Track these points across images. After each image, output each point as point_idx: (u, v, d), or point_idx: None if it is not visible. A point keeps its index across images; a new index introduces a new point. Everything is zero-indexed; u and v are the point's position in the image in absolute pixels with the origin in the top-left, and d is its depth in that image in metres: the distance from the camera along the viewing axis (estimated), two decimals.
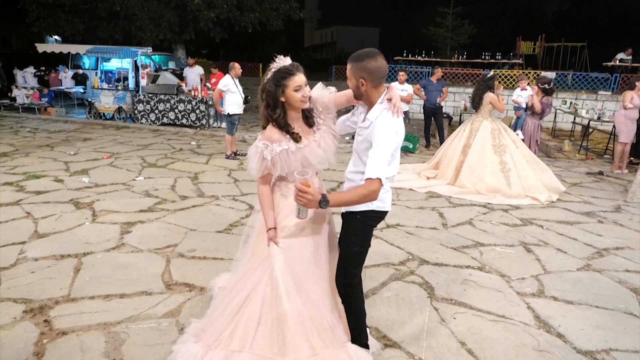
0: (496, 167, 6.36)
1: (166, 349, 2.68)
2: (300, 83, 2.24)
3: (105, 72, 13.56)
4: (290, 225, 2.38)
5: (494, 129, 6.55)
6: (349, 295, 2.45)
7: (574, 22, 29.60)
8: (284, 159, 2.29)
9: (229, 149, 8.17)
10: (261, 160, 2.30)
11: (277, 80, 2.23)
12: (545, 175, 6.42)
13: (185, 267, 3.79)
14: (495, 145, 6.48)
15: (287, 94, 2.24)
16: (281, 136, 2.29)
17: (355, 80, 2.22)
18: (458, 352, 2.77)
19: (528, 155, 6.54)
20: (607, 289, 3.68)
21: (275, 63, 2.27)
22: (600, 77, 14.84)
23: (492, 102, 6.54)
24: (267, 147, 2.28)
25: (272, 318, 2.33)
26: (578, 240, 4.74)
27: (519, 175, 6.26)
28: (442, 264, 4.03)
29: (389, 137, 2.13)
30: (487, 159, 6.44)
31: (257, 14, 16.99)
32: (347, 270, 2.42)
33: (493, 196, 6.14)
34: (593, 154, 9.82)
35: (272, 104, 2.27)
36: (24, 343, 2.70)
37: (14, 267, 3.67)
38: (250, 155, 2.37)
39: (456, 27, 25.46)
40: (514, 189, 6.18)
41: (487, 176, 6.32)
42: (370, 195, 2.09)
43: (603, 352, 2.84)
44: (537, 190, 6.16)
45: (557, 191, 6.32)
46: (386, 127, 2.14)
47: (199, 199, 5.66)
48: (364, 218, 2.34)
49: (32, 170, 6.75)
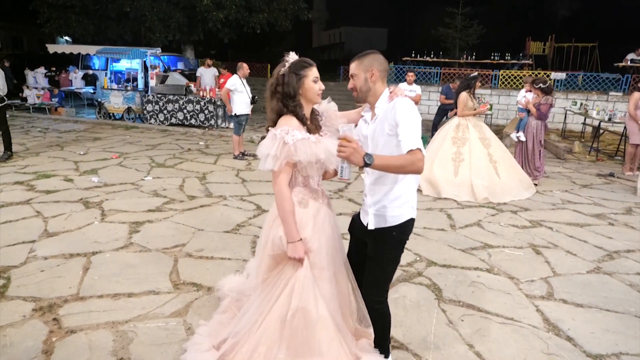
0: (448, 156, 6.35)
1: (173, 349, 2.69)
2: (317, 75, 2.24)
3: (114, 72, 13.68)
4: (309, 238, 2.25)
5: (460, 124, 6.50)
6: (381, 310, 2.37)
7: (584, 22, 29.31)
8: (307, 147, 2.12)
9: (236, 149, 8.20)
10: (282, 146, 2.10)
11: (297, 70, 2.20)
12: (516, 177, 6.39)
13: (193, 267, 3.80)
14: (456, 138, 6.44)
15: (306, 85, 2.21)
16: (300, 125, 2.19)
17: (363, 74, 2.22)
18: (466, 355, 2.75)
19: (498, 155, 6.42)
20: (617, 292, 3.63)
21: (287, 58, 2.25)
22: (611, 77, 14.67)
23: (459, 101, 6.49)
24: (287, 132, 2.11)
25: (300, 329, 2.21)
26: (588, 243, 4.68)
27: (470, 167, 6.22)
28: (450, 266, 4.01)
29: (415, 113, 2.09)
30: (442, 149, 6.43)
31: (265, 14, 17.06)
32: (381, 288, 2.34)
33: (427, 187, 6.25)
34: (604, 155, 9.72)
35: (292, 93, 2.19)
36: (33, 341, 2.73)
37: (24, 266, 3.70)
38: (265, 145, 2.15)
39: (465, 27, 25.36)
40: (459, 178, 6.19)
41: (436, 166, 6.32)
42: (417, 164, 1.94)
43: (613, 356, 2.80)
44: (481, 189, 6.08)
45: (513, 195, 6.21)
46: (409, 106, 2.10)
47: (206, 199, 5.68)
48: (400, 234, 2.25)
49: (42, 170, 6.82)
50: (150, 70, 12.09)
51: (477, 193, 6.04)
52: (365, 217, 2.32)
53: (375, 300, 2.34)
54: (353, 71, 2.26)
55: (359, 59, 2.25)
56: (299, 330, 2.21)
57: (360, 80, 2.24)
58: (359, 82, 2.25)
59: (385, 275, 2.33)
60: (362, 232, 2.36)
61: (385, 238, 2.25)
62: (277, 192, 2.19)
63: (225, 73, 12.17)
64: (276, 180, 2.18)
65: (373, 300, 2.34)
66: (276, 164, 2.13)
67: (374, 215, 2.26)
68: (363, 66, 2.22)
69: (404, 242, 2.31)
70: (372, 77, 2.21)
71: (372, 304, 2.35)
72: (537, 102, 6.97)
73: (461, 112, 6.49)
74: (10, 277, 3.51)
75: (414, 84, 9.10)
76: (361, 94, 2.26)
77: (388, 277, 2.35)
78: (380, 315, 2.38)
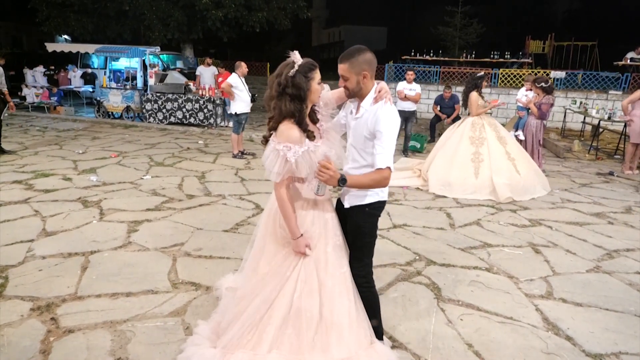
0: (468, 157, 6.33)
1: (172, 348, 2.68)
2: (320, 77, 2.27)
3: (113, 71, 13.66)
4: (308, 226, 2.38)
5: (476, 123, 6.49)
6: (366, 284, 2.52)
7: (584, 20, 29.31)
8: (307, 160, 2.22)
9: (235, 148, 8.18)
10: (284, 164, 2.20)
11: (306, 72, 2.19)
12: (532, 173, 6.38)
13: (192, 266, 3.79)
14: (473, 137, 6.42)
15: (312, 88, 2.23)
16: (301, 135, 2.22)
17: (355, 77, 2.26)
18: (465, 354, 2.74)
19: (515, 152, 6.42)
20: (617, 291, 3.63)
21: (292, 57, 2.23)
22: (611, 76, 14.66)
23: (470, 101, 6.48)
24: (289, 149, 2.19)
25: (302, 320, 2.31)
26: (588, 242, 4.68)
27: (490, 167, 6.20)
28: (450, 265, 4.00)
29: (394, 127, 2.25)
30: (460, 149, 6.41)
31: (264, 13, 17.02)
32: (362, 261, 2.50)
33: (447, 189, 6.21)
34: (603, 154, 9.71)
35: (302, 96, 2.20)
36: (31, 340, 2.72)
37: (22, 265, 3.69)
38: (270, 160, 2.24)
39: (465, 26, 25.34)
40: (479, 179, 6.16)
41: (455, 169, 6.28)
42: (383, 182, 2.24)
43: (613, 355, 2.80)
44: (503, 188, 6.05)
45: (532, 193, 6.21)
46: (390, 118, 2.24)
47: (205, 198, 5.67)
48: (372, 210, 2.44)
49: (41, 169, 6.80)
50: (150, 69, 12.06)
51: (499, 193, 5.98)
52: (344, 198, 2.51)
53: (359, 274, 2.48)
54: (344, 73, 2.28)
55: (348, 60, 2.25)
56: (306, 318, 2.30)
57: (352, 83, 2.29)
58: (352, 85, 2.30)
59: (364, 249, 2.50)
60: (340, 211, 2.55)
61: (359, 213, 2.44)
62: (278, 198, 2.31)
63: (223, 72, 12.15)
64: (277, 188, 2.30)
65: (357, 273, 2.48)
66: (279, 178, 2.25)
67: (349, 196, 2.46)
68: (355, 70, 2.25)
69: (376, 217, 2.50)
70: (364, 79, 2.27)
71: (357, 278, 2.48)
72: (539, 101, 6.96)
73: (475, 112, 6.49)
74: (8, 276, 3.50)
75: (413, 83, 9.08)
76: (353, 93, 2.34)
77: (368, 251, 2.52)
78: (367, 291, 2.51)
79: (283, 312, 2.32)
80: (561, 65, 18.87)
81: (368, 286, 2.53)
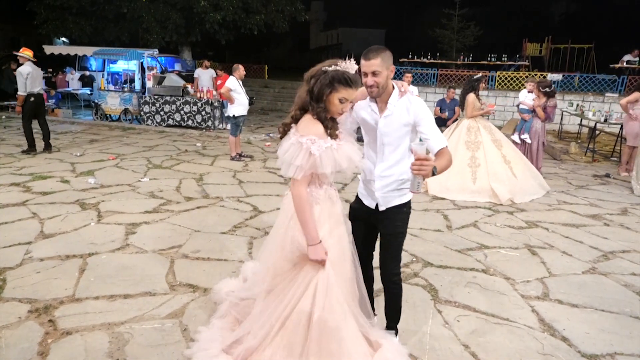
0: (464, 162, 6.33)
1: (169, 350, 2.69)
2: (349, 98, 2.16)
3: (111, 73, 13.64)
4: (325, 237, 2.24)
5: (472, 126, 6.50)
6: (400, 282, 2.63)
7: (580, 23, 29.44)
8: (330, 157, 2.11)
9: (233, 150, 8.19)
10: (308, 157, 2.08)
11: (333, 80, 2.11)
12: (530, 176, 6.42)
13: (189, 268, 3.80)
14: (469, 142, 6.43)
15: (331, 99, 2.13)
16: (324, 132, 2.14)
17: (385, 71, 2.27)
18: (461, 355, 2.76)
19: (511, 155, 6.44)
20: (612, 293, 3.65)
21: (344, 63, 2.15)
22: (607, 79, 14.73)
23: (467, 103, 6.50)
24: (313, 142, 2.08)
25: (322, 328, 2.18)
26: (584, 243, 4.70)
27: (487, 171, 6.21)
28: (446, 267, 4.02)
29: (429, 111, 2.36)
30: (457, 155, 6.36)
31: (262, 15, 17.06)
32: (398, 259, 2.59)
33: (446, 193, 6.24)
34: (600, 156, 9.75)
35: (316, 96, 2.13)
36: (28, 342, 2.72)
37: (20, 267, 3.69)
38: (289, 153, 2.11)
39: (462, 28, 25.40)
40: (477, 185, 6.17)
41: (453, 174, 6.24)
42: (452, 160, 2.28)
43: (608, 356, 2.81)
44: (502, 192, 6.07)
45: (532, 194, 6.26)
46: (424, 104, 2.36)
47: (203, 200, 5.68)
48: (408, 209, 2.53)
49: (38, 171, 6.80)
50: (148, 72, 12.08)
51: (500, 195, 6.00)
52: (372, 201, 2.51)
53: (396, 272, 2.59)
54: (377, 68, 2.22)
55: (379, 55, 2.22)
56: (326, 331, 2.18)
57: (383, 77, 2.26)
58: (382, 79, 2.27)
59: (400, 247, 2.58)
60: (367, 215, 2.56)
61: (398, 214, 2.49)
62: (296, 196, 2.16)
63: (222, 75, 12.17)
64: (296, 185, 2.16)
65: (393, 272, 2.58)
66: (300, 173, 2.11)
67: (386, 197, 2.46)
68: (386, 64, 2.25)
69: (409, 215, 2.56)
70: (391, 74, 2.31)
71: (393, 276, 2.58)
72: (544, 104, 7.01)
73: (471, 114, 6.51)
74: (5, 278, 3.50)
75: (411, 85, 9.13)
76: (381, 90, 2.30)
77: (401, 247, 2.60)
78: (399, 286, 2.64)
79: (298, 331, 2.22)
80: (558, 68, 18.93)
81: (400, 283, 2.64)
